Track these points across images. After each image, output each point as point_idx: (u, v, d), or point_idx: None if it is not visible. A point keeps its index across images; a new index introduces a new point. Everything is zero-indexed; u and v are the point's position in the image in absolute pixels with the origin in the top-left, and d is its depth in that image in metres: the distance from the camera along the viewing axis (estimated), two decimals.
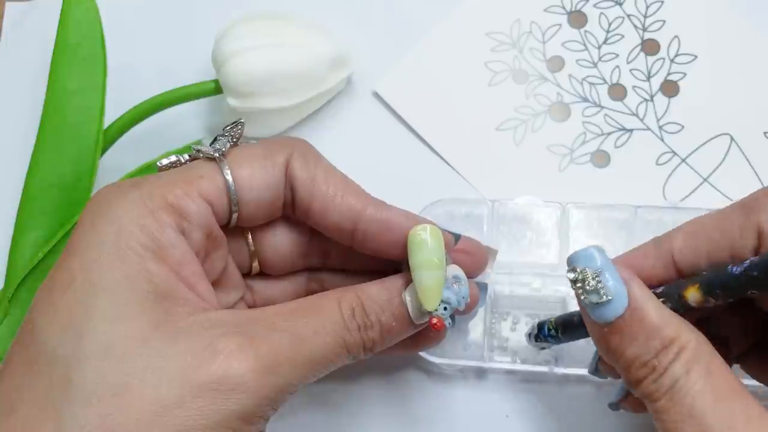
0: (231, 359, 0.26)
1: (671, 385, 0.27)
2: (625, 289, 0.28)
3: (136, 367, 0.25)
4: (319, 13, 0.45)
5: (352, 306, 0.29)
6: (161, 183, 0.29)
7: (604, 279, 0.28)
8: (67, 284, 0.27)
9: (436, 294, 0.30)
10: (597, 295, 0.28)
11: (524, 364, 0.38)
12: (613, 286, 0.28)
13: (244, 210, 0.31)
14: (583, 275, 0.28)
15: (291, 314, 0.29)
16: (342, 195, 0.31)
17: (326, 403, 0.39)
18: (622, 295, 0.28)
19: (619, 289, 0.28)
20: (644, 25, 0.45)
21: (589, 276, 0.28)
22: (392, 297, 0.30)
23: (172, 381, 0.25)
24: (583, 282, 0.28)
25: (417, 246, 0.30)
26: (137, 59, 0.46)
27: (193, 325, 0.27)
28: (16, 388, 0.26)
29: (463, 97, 0.45)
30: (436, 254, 0.30)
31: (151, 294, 0.27)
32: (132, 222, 0.27)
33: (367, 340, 0.30)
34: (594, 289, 0.28)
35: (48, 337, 0.26)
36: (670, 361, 0.27)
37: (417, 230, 0.30)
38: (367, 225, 0.31)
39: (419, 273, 0.29)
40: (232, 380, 0.26)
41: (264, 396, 0.26)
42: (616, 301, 0.28)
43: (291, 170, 0.31)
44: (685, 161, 0.43)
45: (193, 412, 0.25)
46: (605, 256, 0.29)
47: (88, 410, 0.24)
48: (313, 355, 0.28)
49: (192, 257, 0.29)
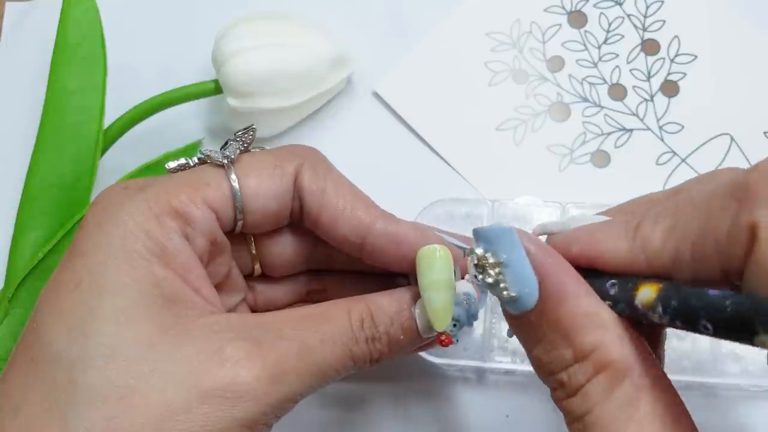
0: (239, 367, 0.26)
1: (584, 413, 0.23)
2: (536, 283, 0.23)
3: (143, 371, 0.25)
4: (319, 13, 0.45)
5: (361, 317, 0.29)
6: (167, 188, 0.28)
7: (507, 272, 0.23)
8: (73, 285, 0.26)
9: (447, 315, 0.29)
10: (497, 289, 0.23)
11: (524, 364, 0.38)
12: (517, 282, 0.23)
13: (249, 218, 0.30)
14: (483, 262, 0.23)
15: (300, 322, 0.28)
16: (351, 208, 0.30)
17: (325, 402, 0.39)
18: (528, 291, 0.23)
19: (525, 285, 0.23)
20: (644, 25, 0.45)
21: (489, 265, 0.23)
22: (402, 309, 0.30)
23: (179, 385, 0.25)
24: (483, 272, 0.24)
25: (426, 266, 0.29)
26: (137, 59, 0.46)
27: (200, 328, 0.27)
28: (20, 389, 0.26)
29: (463, 97, 0.45)
30: (445, 274, 0.29)
31: (158, 297, 0.27)
32: (137, 226, 0.27)
33: (374, 352, 0.29)
34: (495, 281, 0.23)
35: (53, 338, 0.26)
36: (583, 381, 0.23)
37: (426, 250, 0.29)
38: (375, 239, 0.30)
39: (428, 294, 0.29)
40: (239, 388, 0.25)
41: (269, 404, 0.26)
42: (521, 297, 0.23)
43: (300, 181, 0.30)
44: (685, 161, 0.43)
45: (199, 417, 0.25)
46: (515, 240, 0.23)
47: (93, 412, 0.24)
48: (319, 366, 0.27)
49: (196, 262, 0.28)
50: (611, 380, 0.22)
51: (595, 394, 0.22)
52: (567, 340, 0.23)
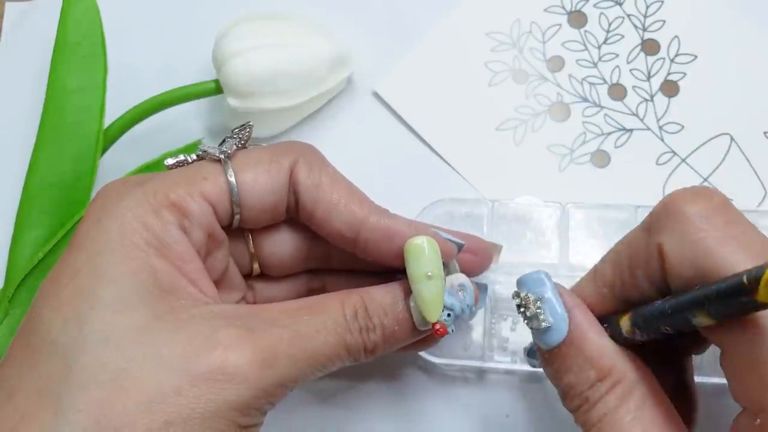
0: (229, 350, 0.26)
1: (600, 418, 0.27)
2: (566, 317, 0.28)
3: (136, 355, 0.26)
4: (319, 14, 0.45)
5: (355, 307, 0.29)
6: (165, 182, 0.29)
7: (544, 306, 0.28)
8: (71, 275, 0.27)
9: (437, 305, 0.30)
10: (537, 321, 0.28)
11: (524, 364, 0.38)
12: (552, 314, 0.28)
13: (246, 212, 0.31)
14: (525, 301, 0.29)
15: (294, 311, 0.29)
16: (345, 202, 0.31)
17: (326, 401, 0.39)
18: (561, 324, 0.28)
19: (558, 318, 0.28)
20: (644, 25, 0.45)
21: (531, 302, 0.28)
22: (396, 302, 0.30)
23: (170, 369, 0.25)
24: (525, 307, 0.29)
25: (414, 258, 0.30)
26: (137, 58, 0.46)
27: (194, 317, 0.27)
28: (16, 376, 0.26)
29: (463, 97, 0.45)
30: (432, 265, 0.30)
31: (154, 288, 0.27)
32: (136, 219, 0.28)
33: (368, 343, 0.30)
34: (534, 315, 0.28)
35: (50, 325, 0.26)
36: (603, 393, 0.27)
37: (413, 242, 0.30)
38: (368, 233, 0.31)
39: (417, 285, 0.30)
40: (229, 371, 0.26)
41: (261, 389, 0.26)
42: (555, 329, 0.28)
43: (296, 175, 0.31)
44: (685, 161, 0.43)
45: (190, 400, 0.25)
46: (551, 283, 0.29)
47: (86, 395, 0.25)
48: (312, 353, 0.28)
49: (193, 254, 0.29)
50: (624, 391, 0.27)
51: (612, 402, 0.27)
52: (591, 363, 0.28)
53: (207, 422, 0.25)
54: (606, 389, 0.27)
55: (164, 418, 0.25)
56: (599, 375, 0.27)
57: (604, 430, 0.27)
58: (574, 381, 0.28)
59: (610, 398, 0.27)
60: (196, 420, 0.25)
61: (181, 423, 0.25)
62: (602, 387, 0.27)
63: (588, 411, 0.27)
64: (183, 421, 0.25)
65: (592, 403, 0.27)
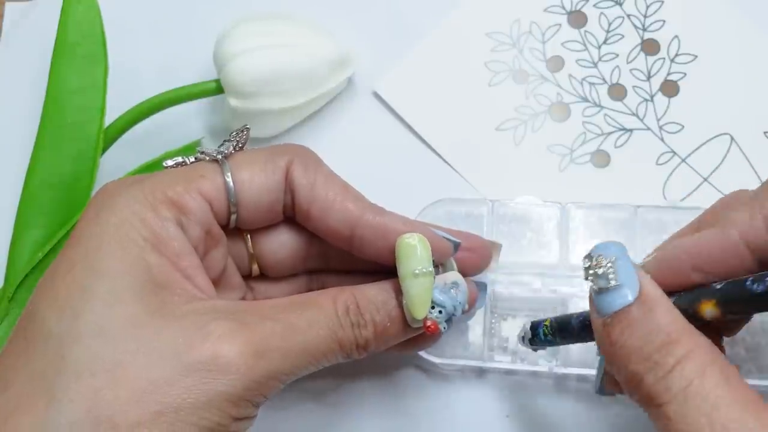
0: (222, 341, 0.26)
1: (684, 387, 0.24)
2: (638, 279, 0.27)
3: (129, 348, 0.26)
4: (320, 14, 0.45)
5: (347, 304, 0.30)
6: (163, 179, 0.29)
7: (617, 265, 0.27)
8: (68, 269, 0.27)
9: (424, 302, 0.30)
10: (606, 280, 0.27)
11: (524, 363, 0.38)
12: (624, 273, 0.27)
13: (243, 211, 0.31)
14: (597, 260, 0.27)
15: (286, 307, 0.29)
16: (340, 200, 0.31)
17: (325, 401, 0.39)
18: (632, 284, 0.27)
19: (630, 277, 0.27)
20: (644, 25, 0.45)
21: (603, 261, 0.27)
22: (389, 299, 0.31)
23: (162, 360, 0.26)
24: (596, 267, 0.27)
25: (404, 255, 0.30)
26: (138, 58, 0.46)
27: (187, 311, 0.27)
28: (12, 367, 0.26)
29: (463, 97, 0.45)
30: (422, 263, 0.30)
31: (148, 283, 0.27)
32: (133, 215, 0.28)
33: (360, 339, 0.30)
34: (604, 273, 0.27)
35: (46, 318, 0.27)
36: (679, 359, 0.25)
37: (403, 240, 0.30)
38: (364, 230, 0.31)
39: (406, 282, 0.30)
40: (221, 361, 0.26)
41: (253, 380, 0.27)
42: (624, 287, 0.27)
43: (291, 175, 0.31)
44: (685, 161, 0.43)
45: (182, 390, 0.25)
46: (625, 251, 0.28)
47: (79, 385, 0.25)
48: (304, 346, 0.28)
49: (190, 250, 0.29)
50: (705, 361, 0.25)
51: (692, 370, 0.25)
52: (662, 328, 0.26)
53: (198, 412, 0.26)
54: (682, 354, 0.25)
55: (156, 408, 0.25)
56: (670, 339, 0.25)
57: (691, 404, 0.24)
58: (639, 343, 0.26)
59: (688, 366, 0.25)
60: (188, 410, 0.25)
61: (173, 413, 0.25)
62: (677, 351, 0.25)
63: (663, 377, 0.25)
64: (174, 410, 0.25)
65: (666, 369, 0.25)
